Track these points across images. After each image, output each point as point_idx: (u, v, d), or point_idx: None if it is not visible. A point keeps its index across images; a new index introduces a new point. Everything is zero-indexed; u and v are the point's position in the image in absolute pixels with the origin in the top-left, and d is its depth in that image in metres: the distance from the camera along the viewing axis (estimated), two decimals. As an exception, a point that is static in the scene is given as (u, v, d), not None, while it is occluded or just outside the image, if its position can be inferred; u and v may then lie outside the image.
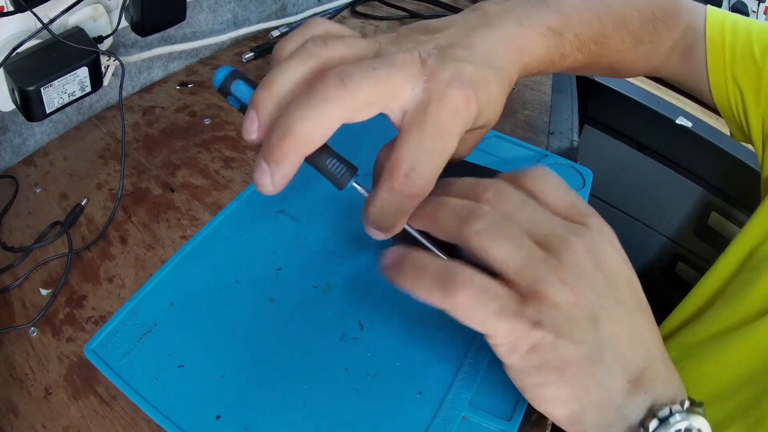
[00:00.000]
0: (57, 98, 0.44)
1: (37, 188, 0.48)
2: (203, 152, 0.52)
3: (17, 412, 0.33)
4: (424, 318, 0.36)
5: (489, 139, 0.51)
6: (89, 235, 0.43)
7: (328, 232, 0.42)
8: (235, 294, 0.37)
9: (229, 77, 0.29)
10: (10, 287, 0.39)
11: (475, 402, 0.32)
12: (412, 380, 0.33)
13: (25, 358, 0.35)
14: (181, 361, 0.33)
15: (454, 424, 0.31)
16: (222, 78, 0.29)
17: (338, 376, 0.33)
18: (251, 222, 0.42)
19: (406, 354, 0.34)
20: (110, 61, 0.50)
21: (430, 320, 0.36)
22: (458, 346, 0.34)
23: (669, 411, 0.25)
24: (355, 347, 0.34)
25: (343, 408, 0.31)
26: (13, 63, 0.41)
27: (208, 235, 0.41)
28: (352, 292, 0.37)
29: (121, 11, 0.48)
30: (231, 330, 0.35)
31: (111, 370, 0.33)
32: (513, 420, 0.31)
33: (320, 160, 0.30)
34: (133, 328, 0.35)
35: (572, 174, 0.47)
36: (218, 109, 0.57)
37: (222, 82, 0.29)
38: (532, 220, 0.27)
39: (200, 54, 0.66)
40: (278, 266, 0.39)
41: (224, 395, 0.32)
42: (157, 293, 0.37)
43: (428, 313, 0.35)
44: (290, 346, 0.34)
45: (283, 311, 0.36)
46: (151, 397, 0.31)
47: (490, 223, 0.26)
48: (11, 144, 0.50)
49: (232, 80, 0.29)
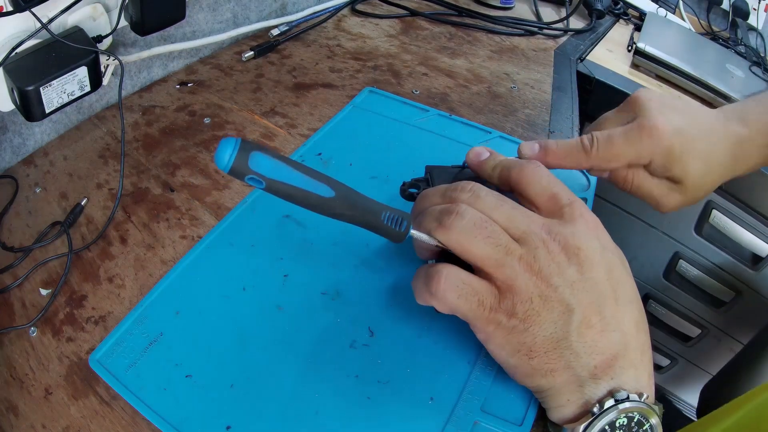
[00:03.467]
0: (56, 98, 0.44)
1: (37, 188, 0.48)
2: (203, 152, 0.51)
3: (17, 412, 0.33)
4: (434, 324, 0.35)
5: (493, 140, 0.51)
6: (89, 235, 0.43)
7: (336, 236, 0.41)
8: (241, 302, 0.37)
9: (241, 152, 0.24)
10: (10, 287, 0.39)
11: (486, 407, 0.32)
12: (423, 386, 0.32)
13: (25, 358, 0.35)
14: (188, 370, 0.33)
15: (467, 429, 0.30)
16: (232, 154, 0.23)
17: (349, 383, 0.32)
18: (256, 228, 0.42)
19: (416, 360, 0.34)
20: (110, 60, 0.50)
21: (440, 326, 0.35)
22: (469, 352, 0.34)
23: (626, 396, 0.27)
24: (365, 354, 0.34)
25: (355, 416, 0.31)
26: (12, 63, 0.41)
27: (213, 242, 0.41)
28: (361, 299, 0.37)
29: (120, 10, 0.48)
30: (239, 338, 0.35)
31: (117, 380, 0.32)
32: (524, 424, 0.31)
33: (374, 218, 0.29)
34: (139, 337, 0.35)
35: (577, 175, 0.47)
36: (218, 109, 0.57)
37: (233, 162, 0.23)
38: (509, 216, 0.29)
39: (200, 53, 0.66)
40: (285, 273, 0.39)
41: (234, 405, 0.31)
42: (162, 302, 0.37)
43: (438, 318, 0.35)
44: (300, 354, 0.34)
45: (292, 319, 0.36)
46: (159, 408, 0.31)
47: (468, 223, 0.28)
48: (11, 144, 0.50)
49: (246, 155, 0.24)
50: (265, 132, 0.54)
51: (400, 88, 0.61)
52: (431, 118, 0.54)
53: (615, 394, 0.27)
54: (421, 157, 0.47)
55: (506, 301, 0.28)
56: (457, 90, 0.62)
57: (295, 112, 0.57)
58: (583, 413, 0.28)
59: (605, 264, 0.29)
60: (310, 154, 0.49)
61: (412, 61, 0.68)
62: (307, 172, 0.28)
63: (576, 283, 0.28)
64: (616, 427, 0.27)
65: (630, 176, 0.39)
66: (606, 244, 0.30)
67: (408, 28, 0.77)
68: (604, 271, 0.28)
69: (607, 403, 0.27)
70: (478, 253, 0.28)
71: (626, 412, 0.27)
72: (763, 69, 0.90)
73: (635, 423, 0.27)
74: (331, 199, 0.28)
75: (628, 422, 0.27)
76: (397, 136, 0.51)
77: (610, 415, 0.26)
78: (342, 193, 0.28)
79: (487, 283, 0.28)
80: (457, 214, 0.28)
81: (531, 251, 0.28)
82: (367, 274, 0.39)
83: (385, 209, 0.29)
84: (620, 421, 0.27)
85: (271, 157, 0.26)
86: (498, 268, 0.28)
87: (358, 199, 0.29)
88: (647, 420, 0.27)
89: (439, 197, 0.31)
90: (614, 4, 0.99)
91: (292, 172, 0.27)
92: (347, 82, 0.62)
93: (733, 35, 1.08)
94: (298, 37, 0.71)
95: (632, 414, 0.27)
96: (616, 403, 0.26)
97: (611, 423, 0.27)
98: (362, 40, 0.72)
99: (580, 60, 0.77)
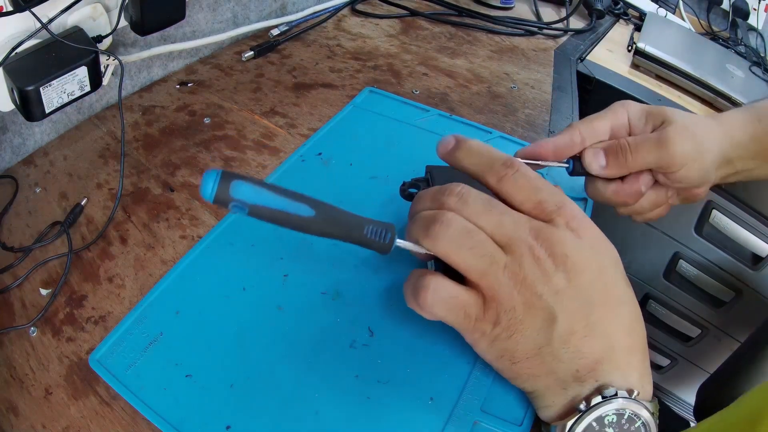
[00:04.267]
0: (56, 98, 0.44)
1: (37, 188, 0.48)
2: (203, 152, 0.51)
3: (17, 412, 0.33)
4: (434, 324, 0.35)
5: (494, 140, 0.51)
6: (89, 235, 0.43)
7: None
8: (241, 301, 0.37)
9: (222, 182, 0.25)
10: (10, 287, 0.39)
11: (486, 407, 0.32)
12: (423, 386, 0.32)
13: (25, 358, 0.35)
14: (188, 370, 0.33)
15: (467, 429, 0.30)
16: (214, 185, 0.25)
17: (349, 383, 0.33)
18: (256, 228, 0.42)
19: (416, 360, 0.34)
20: (109, 60, 0.50)
21: (440, 326, 0.35)
22: (469, 352, 0.34)
23: (615, 393, 0.27)
24: (365, 354, 0.34)
25: (355, 416, 0.31)
26: (12, 63, 0.41)
27: (213, 242, 0.41)
28: (361, 299, 0.37)
29: (120, 10, 0.48)
30: (239, 338, 0.35)
31: (117, 380, 0.32)
32: (524, 425, 0.31)
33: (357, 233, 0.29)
34: (139, 337, 0.35)
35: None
36: (218, 109, 0.57)
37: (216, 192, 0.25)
38: (497, 222, 0.29)
39: (200, 53, 0.66)
40: (285, 273, 0.39)
41: (234, 405, 0.31)
42: (162, 301, 0.37)
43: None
44: (300, 354, 0.34)
45: (292, 318, 0.36)
46: (159, 408, 0.31)
47: (453, 232, 0.28)
48: (11, 144, 0.50)
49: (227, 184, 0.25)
50: (265, 132, 0.54)
51: (400, 88, 0.61)
52: (431, 118, 0.54)
53: (603, 391, 0.27)
54: (421, 157, 0.47)
55: (490, 310, 0.28)
56: (457, 90, 0.62)
57: (295, 112, 0.57)
58: (569, 411, 0.28)
59: (595, 269, 0.28)
60: (310, 154, 0.49)
61: (412, 61, 0.68)
62: (287, 194, 0.28)
63: (562, 290, 0.28)
64: (605, 423, 0.27)
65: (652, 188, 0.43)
66: (597, 246, 0.29)
67: (408, 28, 0.77)
68: (593, 276, 0.28)
69: (594, 399, 0.27)
70: (462, 263, 0.28)
71: (615, 409, 0.26)
72: (763, 69, 0.90)
73: (626, 420, 0.27)
74: (312, 219, 0.28)
75: (618, 419, 0.27)
76: (397, 136, 0.51)
77: (598, 411, 0.26)
78: (322, 211, 0.29)
79: (474, 294, 0.29)
80: (441, 223, 0.28)
81: (516, 259, 0.28)
82: (367, 274, 0.39)
83: (368, 223, 0.30)
84: (609, 417, 0.27)
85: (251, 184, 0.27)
86: (482, 278, 0.28)
87: (339, 216, 0.29)
88: (638, 417, 0.27)
89: (428, 201, 0.31)
90: (614, 4, 0.99)
91: (272, 196, 0.28)
92: (347, 82, 0.62)
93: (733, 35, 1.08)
94: (298, 37, 0.71)
95: (622, 410, 0.27)
96: (603, 399, 0.26)
97: (599, 419, 0.27)
98: (362, 40, 0.72)
99: (580, 60, 0.77)
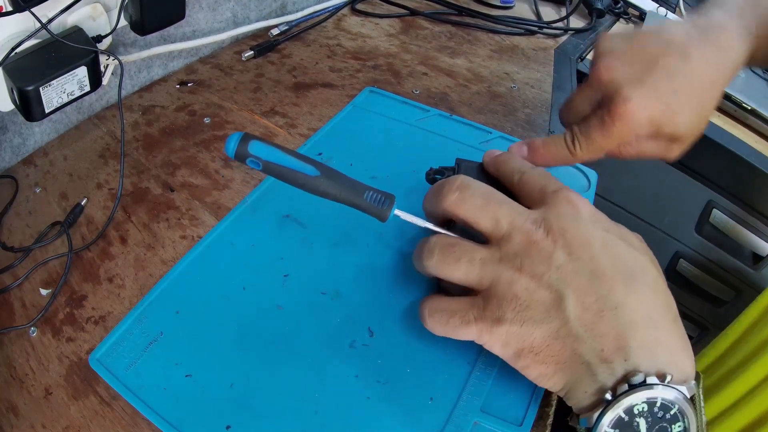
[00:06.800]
0: (56, 98, 0.44)
1: (37, 188, 0.48)
2: (203, 152, 0.51)
3: (17, 412, 0.33)
4: None
5: (494, 140, 0.51)
6: (89, 235, 0.43)
7: (336, 236, 0.41)
8: (241, 301, 0.37)
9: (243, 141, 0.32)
10: (10, 287, 0.39)
11: (486, 407, 0.31)
12: (423, 387, 0.32)
13: (25, 358, 0.35)
14: (188, 370, 0.33)
15: (466, 430, 0.30)
16: (236, 143, 0.31)
17: (349, 383, 0.33)
18: (257, 227, 0.42)
19: (416, 360, 0.34)
20: (109, 60, 0.50)
21: None
22: (469, 352, 0.34)
23: (643, 380, 0.24)
24: (365, 354, 0.34)
25: (354, 416, 0.31)
26: (11, 63, 0.41)
27: (213, 241, 0.41)
28: (361, 299, 0.37)
29: (120, 10, 0.48)
30: (239, 338, 0.35)
31: (117, 379, 0.32)
32: (524, 425, 0.31)
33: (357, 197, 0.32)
34: (139, 336, 0.35)
35: (577, 175, 0.47)
36: (218, 108, 0.57)
37: (237, 148, 0.31)
38: (495, 215, 0.29)
39: (200, 53, 0.66)
40: (285, 272, 0.39)
41: (234, 405, 0.31)
42: (162, 301, 0.37)
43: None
44: (299, 354, 0.34)
45: (292, 318, 0.36)
46: (159, 408, 0.31)
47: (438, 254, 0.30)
48: (11, 144, 0.50)
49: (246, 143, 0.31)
50: (265, 132, 0.54)
51: (400, 88, 0.61)
52: (431, 118, 0.54)
53: (630, 378, 0.24)
54: (422, 157, 0.47)
55: (490, 306, 0.28)
56: (457, 89, 0.62)
57: (295, 112, 0.57)
58: (599, 401, 0.25)
59: (598, 241, 0.27)
60: (311, 154, 0.49)
61: (412, 61, 0.68)
62: (296, 155, 0.32)
63: (564, 265, 0.27)
64: (635, 413, 0.24)
65: (624, 151, 0.37)
66: (599, 218, 0.29)
67: (408, 28, 0.77)
68: (598, 247, 0.27)
69: (620, 388, 0.24)
70: (455, 278, 0.29)
71: (646, 397, 0.24)
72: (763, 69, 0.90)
73: (659, 407, 0.24)
74: (316, 178, 0.32)
75: (650, 407, 0.24)
76: (397, 136, 0.51)
77: (626, 400, 0.24)
78: (327, 172, 0.32)
79: (469, 299, 0.29)
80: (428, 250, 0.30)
81: (512, 248, 0.28)
82: (368, 274, 0.39)
83: (369, 189, 0.32)
84: (639, 407, 0.24)
85: (265, 144, 0.32)
86: (478, 282, 0.28)
87: (342, 179, 0.32)
88: (672, 404, 0.24)
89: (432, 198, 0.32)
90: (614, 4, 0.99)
91: (283, 155, 0.32)
92: (347, 82, 0.62)
93: (733, 34, 1.08)
94: (298, 36, 0.71)
95: (653, 398, 0.24)
96: (630, 388, 0.24)
97: (628, 409, 0.24)
98: (362, 39, 0.72)
99: (581, 59, 0.77)
